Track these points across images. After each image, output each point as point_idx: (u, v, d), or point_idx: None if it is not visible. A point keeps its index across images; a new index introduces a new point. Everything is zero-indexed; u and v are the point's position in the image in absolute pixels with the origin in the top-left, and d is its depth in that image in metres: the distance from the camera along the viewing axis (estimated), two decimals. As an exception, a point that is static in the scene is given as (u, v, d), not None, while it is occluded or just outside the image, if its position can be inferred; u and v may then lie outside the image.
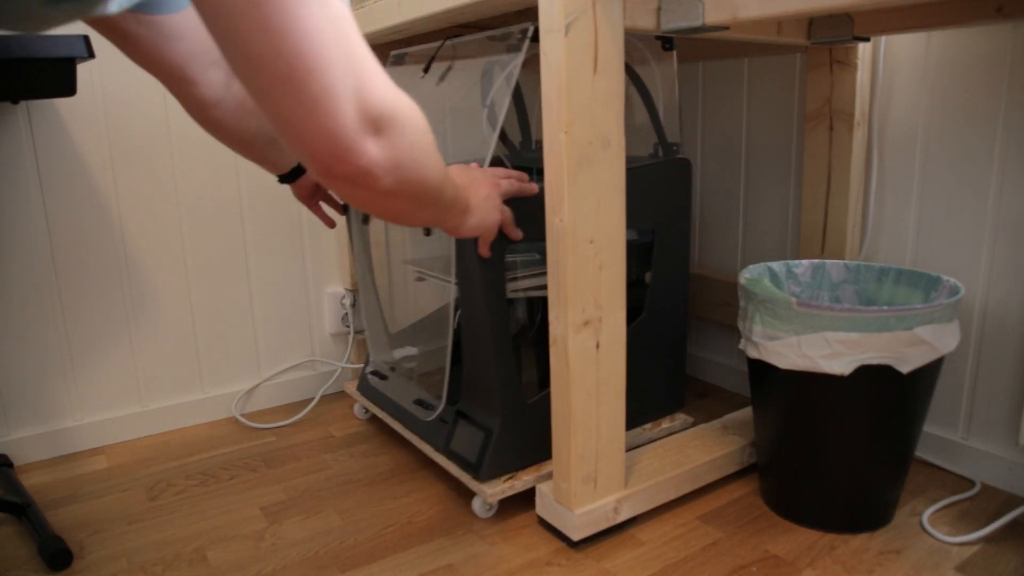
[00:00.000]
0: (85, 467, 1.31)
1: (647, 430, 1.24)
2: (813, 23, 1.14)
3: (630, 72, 1.20)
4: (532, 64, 1.47)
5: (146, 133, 1.36)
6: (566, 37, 0.84)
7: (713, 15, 0.88)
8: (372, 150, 0.54)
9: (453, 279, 1.09)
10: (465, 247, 1.01)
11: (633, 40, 1.18)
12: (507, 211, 0.97)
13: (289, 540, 1.06)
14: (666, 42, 1.17)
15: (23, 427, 1.32)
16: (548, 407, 1.09)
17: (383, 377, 1.39)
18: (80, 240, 1.32)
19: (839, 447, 0.98)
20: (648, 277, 1.22)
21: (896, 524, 1.04)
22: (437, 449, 1.17)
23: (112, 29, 0.70)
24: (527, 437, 1.10)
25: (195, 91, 0.78)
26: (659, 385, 1.27)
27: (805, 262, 1.18)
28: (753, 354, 1.02)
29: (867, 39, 1.15)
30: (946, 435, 1.20)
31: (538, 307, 1.49)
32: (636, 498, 1.04)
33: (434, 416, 1.20)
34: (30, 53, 1.02)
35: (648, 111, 1.21)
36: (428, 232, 1.25)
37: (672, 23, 0.92)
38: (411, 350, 1.43)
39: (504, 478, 1.07)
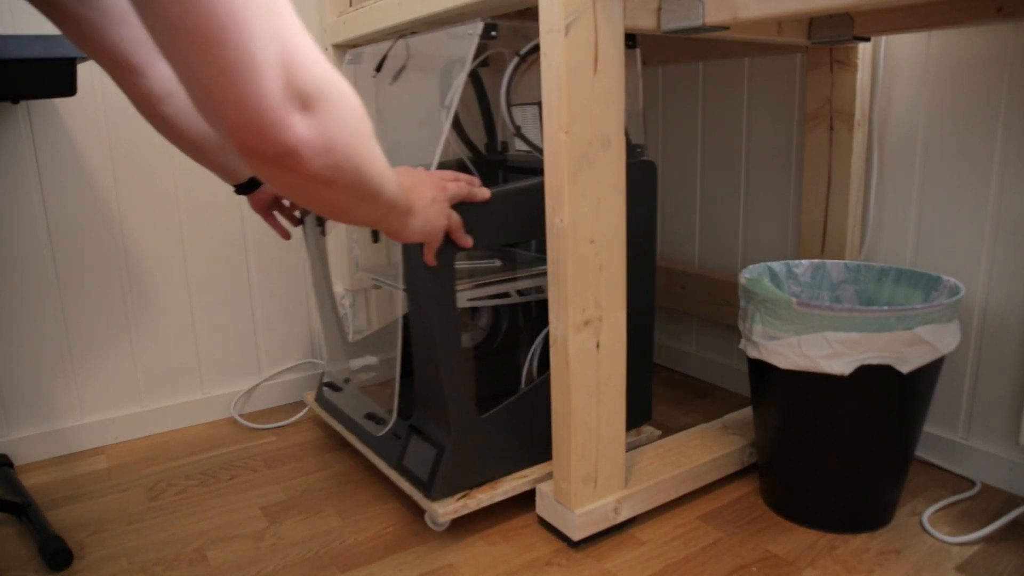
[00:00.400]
0: (85, 467, 1.31)
1: None
2: (813, 23, 1.14)
3: None
4: (496, 63, 1.44)
5: (146, 133, 1.36)
6: (566, 37, 0.84)
7: (713, 15, 0.88)
8: (298, 127, 0.49)
9: (401, 286, 1.04)
10: (411, 253, 0.96)
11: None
12: (455, 216, 0.92)
13: (289, 540, 1.06)
14: (629, 39, 1.11)
15: (23, 427, 1.32)
16: (504, 421, 1.06)
17: (337, 389, 1.35)
18: (80, 240, 1.32)
19: (839, 447, 0.98)
20: None
21: (896, 524, 1.04)
22: (390, 464, 1.13)
23: (55, 9, 0.67)
24: (481, 454, 1.05)
25: (142, 82, 0.74)
26: (628, 396, 1.17)
27: (805, 262, 1.18)
28: (753, 354, 1.02)
29: (867, 39, 1.15)
30: (946, 435, 1.20)
31: (501, 316, 1.45)
32: (636, 498, 1.04)
33: (386, 431, 1.16)
34: (30, 53, 1.02)
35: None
36: (376, 238, 1.20)
37: (672, 23, 0.92)
38: (370, 360, 1.39)
39: (457, 496, 1.03)
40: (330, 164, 0.53)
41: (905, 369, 0.93)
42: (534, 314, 1.39)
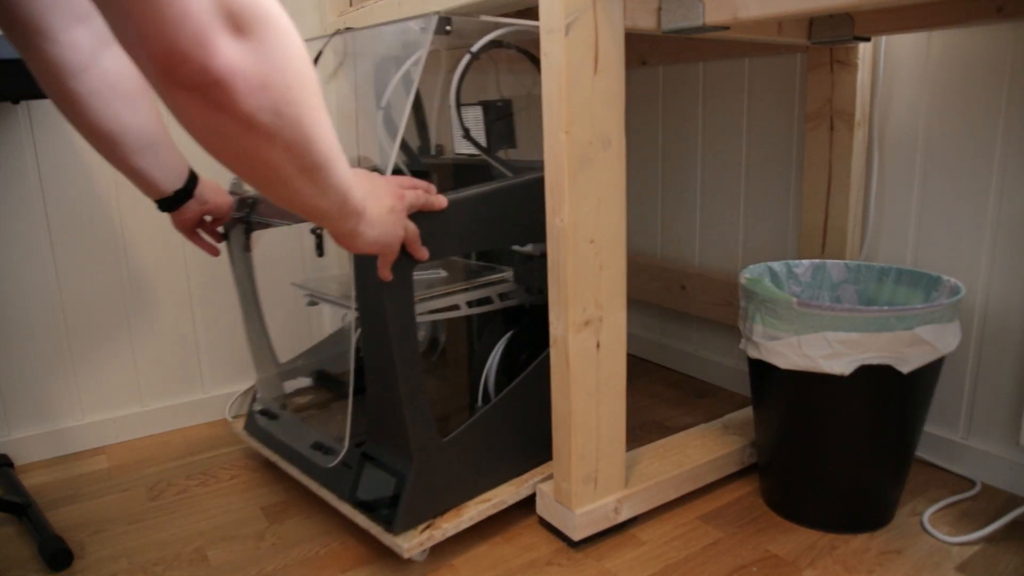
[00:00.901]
0: (86, 467, 1.31)
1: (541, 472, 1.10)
2: (813, 23, 1.14)
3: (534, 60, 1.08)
4: (431, 60, 1.33)
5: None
6: (566, 37, 0.84)
7: (713, 15, 0.88)
8: (228, 50, 0.42)
9: (353, 304, 0.96)
10: (364, 267, 0.89)
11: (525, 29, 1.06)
12: (412, 227, 0.84)
13: (290, 540, 1.06)
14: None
15: (24, 427, 1.32)
16: (467, 443, 1.00)
17: (273, 416, 1.22)
18: (80, 240, 1.32)
19: (840, 447, 0.98)
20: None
21: (896, 524, 1.04)
22: (342, 498, 1.03)
23: None
24: (446, 479, 0.98)
25: (52, 50, 0.64)
26: (532, 432, 1.12)
27: (805, 262, 1.18)
28: (753, 354, 1.02)
29: (868, 39, 1.15)
30: (946, 435, 1.20)
31: (439, 329, 1.38)
32: (637, 498, 1.04)
33: (337, 461, 1.06)
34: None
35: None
36: (321, 251, 1.09)
37: (672, 23, 0.92)
38: (304, 381, 1.29)
39: (421, 527, 0.96)
40: (267, 106, 0.45)
41: (905, 369, 0.93)
42: (478, 327, 1.25)
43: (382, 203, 0.76)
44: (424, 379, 0.94)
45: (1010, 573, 0.92)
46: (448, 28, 0.94)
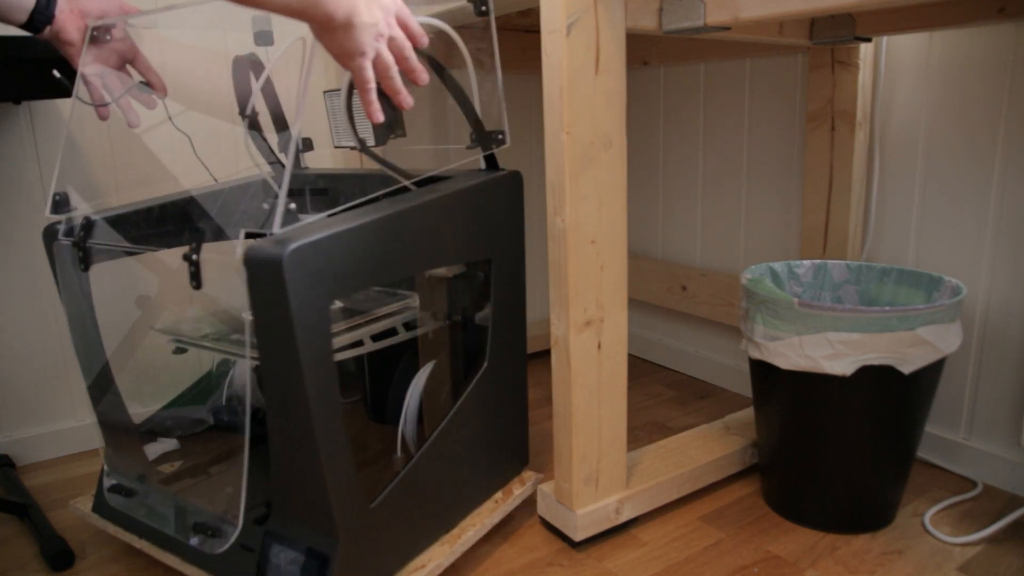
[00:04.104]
0: (86, 467, 1.31)
1: (499, 502, 1.02)
2: (815, 23, 1.14)
3: (435, 64, 0.94)
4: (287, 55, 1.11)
5: (148, 134, 1.36)
6: (567, 38, 0.85)
7: (715, 15, 0.88)
8: None
9: (248, 350, 0.80)
10: (264, 295, 0.71)
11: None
12: (387, 55, 0.72)
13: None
14: (480, 3, 0.94)
15: (24, 427, 1.32)
16: (398, 505, 0.85)
17: (129, 493, 0.97)
18: (82, 240, 1.32)
19: (841, 447, 0.98)
20: (480, 317, 1.00)
21: (898, 524, 1.04)
22: None
23: None
24: (375, 551, 0.83)
25: None
26: (505, 443, 1.04)
27: (807, 262, 1.18)
28: (755, 354, 1.02)
29: (869, 39, 1.15)
30: (948, 435, 1.20)
31: (362, 368, 1.14)
32: (638, 498, 1.04)
33: (229, 544, 0.85)
34: (32, 54, 1.02)
35: (457, 100, 0.95)
36: (198, 282, 0.81)
37: (674, 23, 0.92)
38: (170, 444, 1.05)
39: None
40: None
41: (907, 369, 0.92)
42: (389, 363, 1.08)
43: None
44: (346, 434, 0.76)
45: (1012, 574, 0.92)
46: None
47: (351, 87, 0.87)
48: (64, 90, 1.07)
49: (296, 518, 0.80)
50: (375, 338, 0.94)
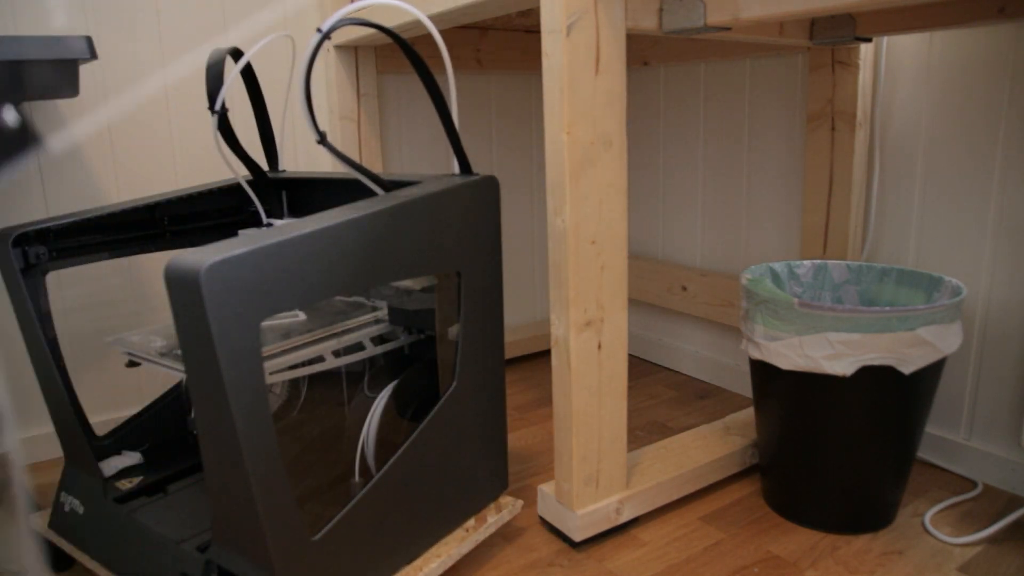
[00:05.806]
0: (87, 467, 1.31)
1: (471, 531, 0.95)
2: (815, 23, 1.14)
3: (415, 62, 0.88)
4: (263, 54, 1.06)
5: (149, 135, 1.36)
6: (567, 38, 0.85)
7: (715, 16, 0.88)
8: None
9: (182, 365, 0.75)
10: (190, 311, 0.65)
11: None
12: None
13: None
14: None
15: (25, 427, 1.32)
16: (345, 538, 0.78)
17: (88, 509, 0.92)
18: (82, 241, 1.32)
19: (841, 448, 0.98)
20: (451, 332, 0.94)
21: (898, 525, 1.04)
22: None
23: None
24: None
25: None
26: (478, 467, 0.97)
27: (807, 262, 1.18)
28: (755, 354, 1.02)
29: (869, 39, 1.15)
30: (948, 436, 1.20)
31: (300, 385, 1.10)
32: (638, 499, 1.04)
33: (171, 572, 0.80)
34: (32, 55, 1.02)
35: (431, 97, 0.91)
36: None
37: (674, 24, 0.92)
38: (132, 458, 1.01)
39: None
40: None
41: (907, 370, 0.92)
42: (351, 380, 1.04)
43: None
44: (280, 461, 0.70)
45: (1012, 574, 0.92)
46: None
47: (309, 70, 0.81)
48: (66, 92, 1.07)
49: (234, 548, 0.75)
50: (338, 354, 0.89)
